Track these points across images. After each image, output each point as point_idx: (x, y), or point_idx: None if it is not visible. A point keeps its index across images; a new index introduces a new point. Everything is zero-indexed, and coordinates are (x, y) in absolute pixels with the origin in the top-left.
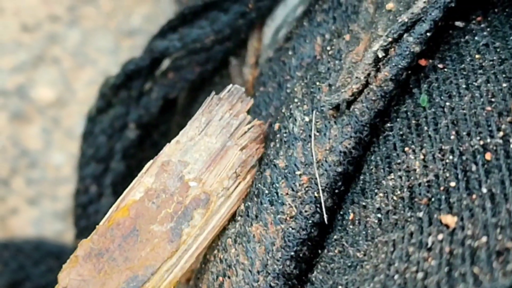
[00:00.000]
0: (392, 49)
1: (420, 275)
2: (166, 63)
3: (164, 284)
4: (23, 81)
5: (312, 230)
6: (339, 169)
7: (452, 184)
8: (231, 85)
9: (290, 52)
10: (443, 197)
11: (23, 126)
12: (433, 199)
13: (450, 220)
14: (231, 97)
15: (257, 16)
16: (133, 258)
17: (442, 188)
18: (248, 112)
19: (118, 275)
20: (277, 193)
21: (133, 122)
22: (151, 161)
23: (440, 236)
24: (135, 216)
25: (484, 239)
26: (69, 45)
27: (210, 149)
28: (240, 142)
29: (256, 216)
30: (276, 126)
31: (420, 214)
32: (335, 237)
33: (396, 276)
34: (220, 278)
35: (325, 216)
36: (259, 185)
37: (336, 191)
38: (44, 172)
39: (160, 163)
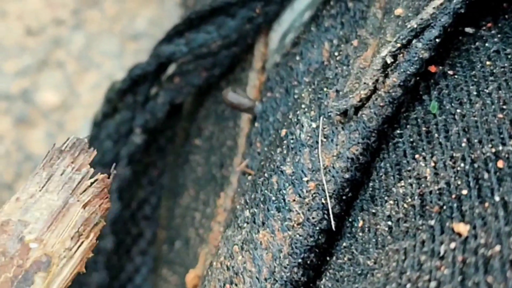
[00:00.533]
0: (401, 55)
1: (433, 284)
2: (172, 68)
3: None
4: (27, 85)
5: (320, 237)
6: (347, 176)
7: (464, 192)
8: (72, 136)
9: (297, 58)
10: (455, 205)
11: (28, 130)
12: (444, 207)
13: (462, 228)
14: (73, 149)
15: (264, 21)
16: None
17: (453, 196)
18: (91, 165)
19: None
20: (284, 199)
21: (139, 127)
22: None
23: (453, 245)
24: None
25: (497, 248)
26: (74, 49)
27: (51, 206)
28: (83, 198)
29: (263, 223)
30: (283, 132)
31: (432, 222)
32: (344, 244)
33: (408, 285)
34: (227, 286)
35: (332, 222)
36: (266, 191)
37: (344, 197)
38: None
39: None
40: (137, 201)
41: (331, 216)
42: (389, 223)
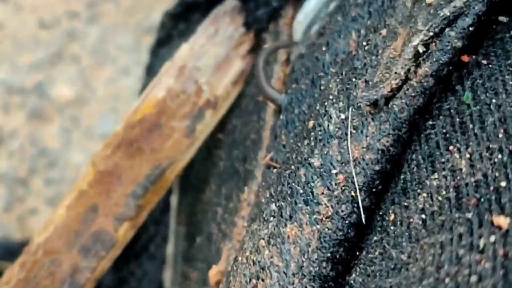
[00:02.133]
0: (433, 44)
1: (473, 278)
2: None
3: (177, 169)
4: (42, 79)
5: (349, 231)
6: (377, 168)
7: (503, 184)
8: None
9: (323, 48)
10: (493, 197)
11: (42, 125)
12: (482, 200)
13: (502, 221)
14: (232, 10)
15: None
16: (158, 149)
17: (491, 188)
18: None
19: (145, 163)
20: (312, 192)
21: None
22: (169, 62)
23: (493, 238)
24: (158, 113)
25: None
26: (88, 42)
27: (217, 57)
28: (240, 53)
29: (291, 217)
30: (311, 123)
31: (469, 215)
32: (374, 238)
33: (447, 280)
34: (254, 281)
35: (362, 216)
36: (293, 184)
37: (374, 190)
38: (63, 172)
39: (178, 66)
40: None
41: (361, 209)
42: (423, 216)
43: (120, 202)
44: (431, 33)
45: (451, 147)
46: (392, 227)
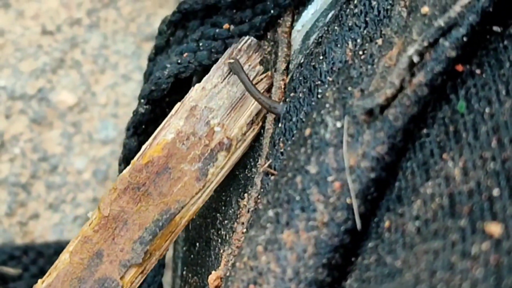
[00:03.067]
0: (428, 53)
1: (466, 285)
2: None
3: (189, 214)
4: (43, 85)
5: (345, 237)
6: (372, 175)
7: (495, 192)
8: (247, 36)
9: (321, 57)
10: (486, 205)
11: (44, 130)
12: (475, 207)
13: (494, 229)
14: (249, 49)
15: (278, 14)
16: (166, 193)
17: (484, 196)
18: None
19: (153, 207)
20: (308, 199)
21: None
22: (179, 104)
23: (485, 245)
24: (167, 155)
25: None
26: (90, 48)
27: (231, 97)
28: None
29: (287, 223)
30: (307, 131)
31: (462, 223)
32: (369, 244)
33: (440, 286)
34: (251, 286)
35: (358, 222)
36: (290, 191)
37: (369, 197)
38: (65, 177)
39: (188, 107)
40: None
41: (357, 216)
42: (417, 223)
43: (127, 248)
44: (425, 43)
45: (445, 155)
46: (387, 234)
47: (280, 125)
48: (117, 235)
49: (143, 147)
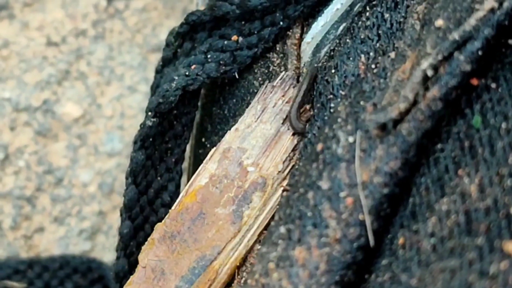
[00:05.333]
0: (442, 67)
1: None
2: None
3: (231, 261)
4: (48, 96)
5: (358, 254)
6: (385, 191)
7: None
8: (284, 72)
9: (333, 70)
10: (504, 223)
11: (49, 143)
12: (492, 225)
13: None
14: (283, 84)
15: (287, 26)
16: (201, 239)
17: (502, 214)
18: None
19: (189, 255)
20: (320, 215)
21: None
22: (214, 148)
23: (503, 265)
24: (201, 201)
25: None
26: (95, 60)
27: (265, 135)
28: None
29: (299, 240)
30: (319, 146)
31: (479, 241)
32: (383, 262)
33: None
34: None
35: (371, 239)
36: (302, 207)
37: (382, 213)
38: (70, 190)
39: (221, 150)
40: (155, 189)
41: (370, 232)
42: (433, 240)
43: None
44: (440, 57)
45: (460, 171)
46: (401, 251)
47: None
48: (155, 285)
49: (180, 195)
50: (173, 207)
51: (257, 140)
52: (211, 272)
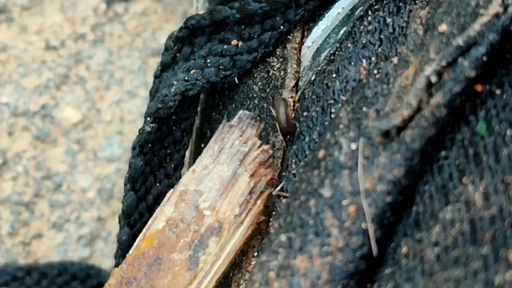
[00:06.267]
0: (446, 73)
1: None
2: None
3: None
4: (47, 101)
5: (360, 263)
6: (389, 199)
7: None
8: (241, 111)
9: (333, 75)
10: (509, 232)
11: (47, 148)
12: (497, 234)
13: None
14: (241, 123)
15: (287, 30)
16: (157, 286)
17: (507, 222)
18: (259, 137)
19: None
20: (322, 224)
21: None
22: (172, 190)
23: (509, 275)
24: (158, 245)
25: None
26: (94, 64)
27: (222, 177)
28: (250, 167)
29: (301, 249)
30: (321, 153)
31: (484, 250)
32: (386, 271)
33: None
34: None
35: (374, 248)
36: (303, 215)
37: (385, 222)
38: (69, 195)
39: (178, 192)
40: (154, 195)
41: (373, 241)
42: (436, 250)
43: None
44: (443, 63)
45: (464, 179)
46: (404, 261)
47: (294, 146)
48: None
49: (137, 239)
50: (130, 252)
51: (213, 182)
52: None
